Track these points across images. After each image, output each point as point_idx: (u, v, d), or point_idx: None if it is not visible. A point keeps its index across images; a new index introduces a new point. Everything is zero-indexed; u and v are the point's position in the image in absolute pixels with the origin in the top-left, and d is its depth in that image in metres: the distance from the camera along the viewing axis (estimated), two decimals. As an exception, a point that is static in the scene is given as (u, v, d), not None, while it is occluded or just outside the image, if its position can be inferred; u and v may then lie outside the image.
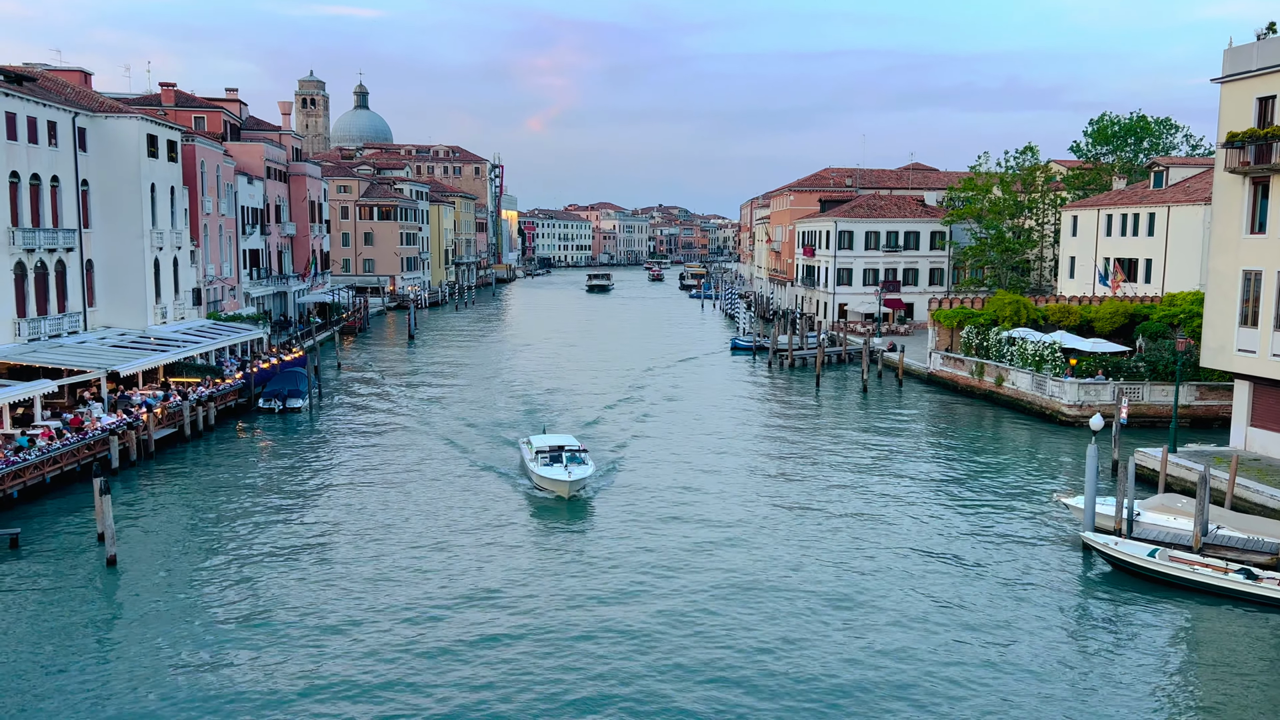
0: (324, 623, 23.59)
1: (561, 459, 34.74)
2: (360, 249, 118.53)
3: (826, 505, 34.31)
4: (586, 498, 34.14)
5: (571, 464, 34.31)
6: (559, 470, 33.81)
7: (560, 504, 33.49)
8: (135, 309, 52.75)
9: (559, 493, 33.82)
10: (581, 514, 32.79)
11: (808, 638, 23.01)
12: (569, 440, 37.58)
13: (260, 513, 33.13)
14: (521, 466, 37.74)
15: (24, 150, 44.93)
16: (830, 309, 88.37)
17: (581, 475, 33.76)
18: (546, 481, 34.13)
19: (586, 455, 35.87)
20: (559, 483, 33.50)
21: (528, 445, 37.87)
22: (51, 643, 22.57)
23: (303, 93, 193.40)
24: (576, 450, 35.97)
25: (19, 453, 34.09)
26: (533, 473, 35.22)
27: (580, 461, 34.88)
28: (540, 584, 26.31)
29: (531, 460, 35.65)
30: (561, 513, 32.89)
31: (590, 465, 34.96)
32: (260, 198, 76.58)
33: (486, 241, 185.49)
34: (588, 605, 24.88)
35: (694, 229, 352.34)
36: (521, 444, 39.41)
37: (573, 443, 37.08)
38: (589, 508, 33.38)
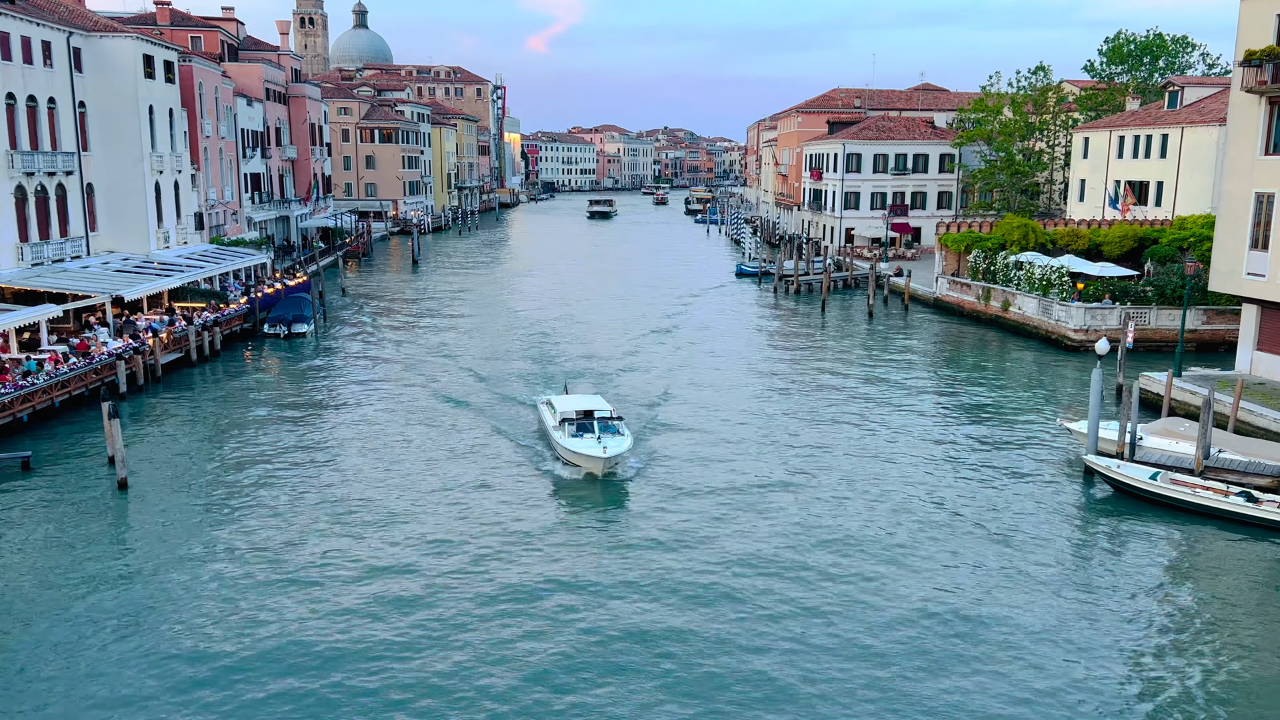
0: (321, 551, 23.82)
1: (592, 428, 29.36)
2: (362, 173, 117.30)
3: (824, 432, 34.47)
4: (623, 475, 28.87)
5: (605, 434, 29.10)
6: (591, 443, 28.46)
7: (591, 482, 28.36)
8: (137, 233, 52.46)
9: (591, 470, 28.52)
10: (618, 495, 27.54)
11: (809, 568, 23.33)
12: (598, 403, 31.90)
13: (266, 437, 33.40)
14: (541, 432, 32.80)
15: (19, 71, 44.17)
16: (837, 234, 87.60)
17: (619, 450, 28.37)
18: (577, 456, 28.68)
19: (622, 423, 30.31)
20: (592, 459, 28.12)
21: (549, 408, 32.51)
22: (65, 564, 22.96)
23: (300, 11, 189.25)
24: (609, 417, 30.52)
25: (27, 377, 34.27)
26: (558, 444, 29.71)
27: (615, 431, 29.54)
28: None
29: (555, 428, 30.27)
30: (594, 493, 27.71)
31: (627, 436, 29.62)
32: (260, 120, 75.51)
33: (489, 165, 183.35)
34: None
35: (700, 152, 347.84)
36: (541, 405, 33.90)
37: (603, 406, 31.53)
38: (625, 486, 28.14)
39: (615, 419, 30.33)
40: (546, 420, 32.09)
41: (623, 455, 28.73)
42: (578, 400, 32.47)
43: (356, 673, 18.21)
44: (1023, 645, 19.32)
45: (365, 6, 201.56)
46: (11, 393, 32.59)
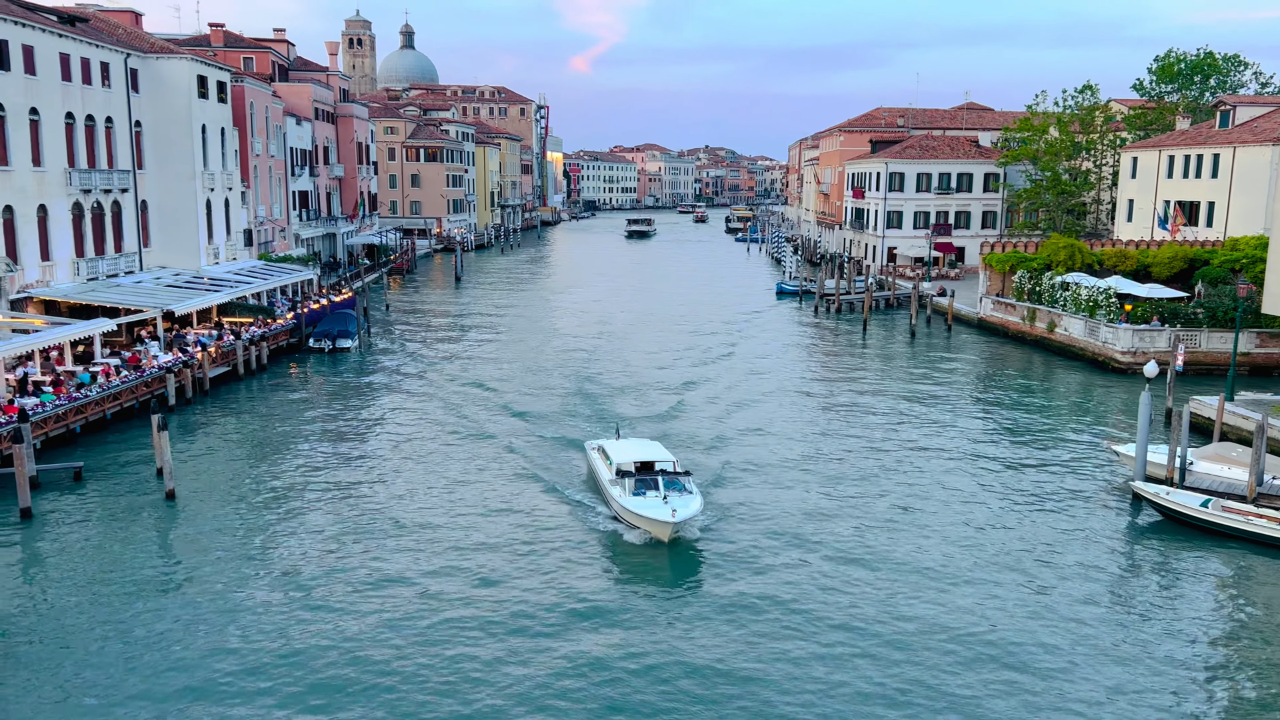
0: (356, 574, 23.95)
1: (656, 484, 25.83)
2: (407, 190, 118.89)
3: (871, 456, 34.18)
4: (690, 537, 25.46)
5: (671, 492, 25.63)
6: (656, 504, 25.00)
7: (655, 546, 24.90)
8: (189, 249, 53.58)
9: (657, 534, 25.01)
10: (688, 563, 24.11)
11: (861, 585, 23.12)
12: (658, 453, 28.55)
13: (309, 451, 33.84)
14: (591, 481, 29.70)
15: (78, 91, 45.48)
16: (879, 253, 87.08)
17: (689, 513, 24.81)
18: (640, 519, 25.21)
19: (689, 479, 26.74)
20: (659, 523, 24.63)
21: (601, 455, 29.16)
22: (115, 573, 23.41)
23: (349, 33, 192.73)
24: (672, 470, 27.21)
25: (81, 389, 35.09)
26: (615, 502, 26.29)
27: (681, 488, 25.97)
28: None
29: (612, 482, 26.88)
30: (659, 559, 24.37)
31: (696, 494, 26.02)
32: (309, 139, 76.92)
33: (531, 184, 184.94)
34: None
35: (741, 171, 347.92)
36: (592, 451, 30.57)
37: (664, 456, 28.27)
38: (695, 552, 24.72)
39: (681, 474, 26.78)
40: (600, 471, 28.67)
41: (693, 519, 25.27)
42: (635, 448, 28.85)
43: (379, 699, 18.33)
44: (1068, 677, 18.95)
45: (412, 28, 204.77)
46: (66, 404, 33.38)
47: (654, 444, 30.07)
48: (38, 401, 32.72)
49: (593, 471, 29.84)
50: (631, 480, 26.21)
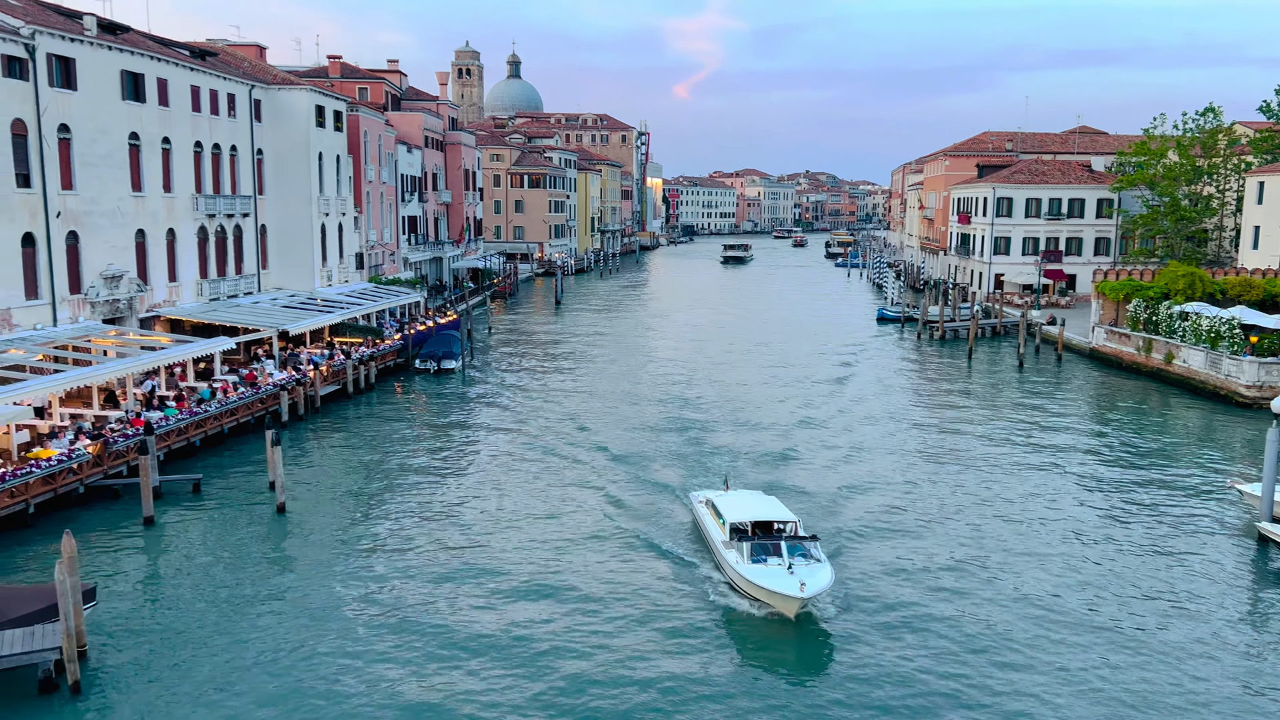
0: (447, 597, 24.26)
1: (778, 550, 22.86)
2: (511, 216, 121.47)
3: (989, 503, 33.20)
4: (820, 612, 22.47)
5: (796, 559, 22.68)
6: (781, 576, 21.96)
7: (780, 623, 21.83)
8: (304, 272, 55.82)
9: (781, 610, 21.86)
10: (819, 645, 21.22)
11: (972, 628, 22.46)
12: (776, 510, 25.80)
13: (412, 470, 34.70)
14: (697, 535, 27.31)
15: (206, 121, 48.05)
16: (986, 279, 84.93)
17: (820, 586, 21.74)
18: (763, 592, 22.15)
19: (816, 545, 23.47)
20: (785, 599, 21.52)
21: (710, 511, 26.48)
22: (228, 579, 24.42)
23: (459, 63, 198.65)
24: (795, 533, 24.51)
25: (201, 404, 36.80)
26: (731, 569, 23.39)
27: (806, 555, 22.95)
28: None
29: (726, 545, 24.09)
30: (785, 637, 21.47)
31: (825, 564, 22.92)
32: (419, 166, 79.41)
33: (631, 209, 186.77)
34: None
35: (842, 195, 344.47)
36: (699, 504, 27.89)
37: (782, 514, 25.47)
38: (827, 631, 21.77)
39: (807, 538, 23.67)
40: (709, 529, 25.94)
41: (824, 593, 22.09)
42: (749, 503, 26.17)
43: (492, 704, 18.52)
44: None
45: (519, 57, 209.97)
46: (187, 419, 35.05)
47: (769, 498, 27.21)
48: (162, 415, 34.44)
49: (700, 527, 27.15)
50: (749, 544, 23.13)
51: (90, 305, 39.93)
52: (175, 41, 51.30)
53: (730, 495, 27.22)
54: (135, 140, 42.67)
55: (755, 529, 24.75)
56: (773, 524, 25.04)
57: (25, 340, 35.19)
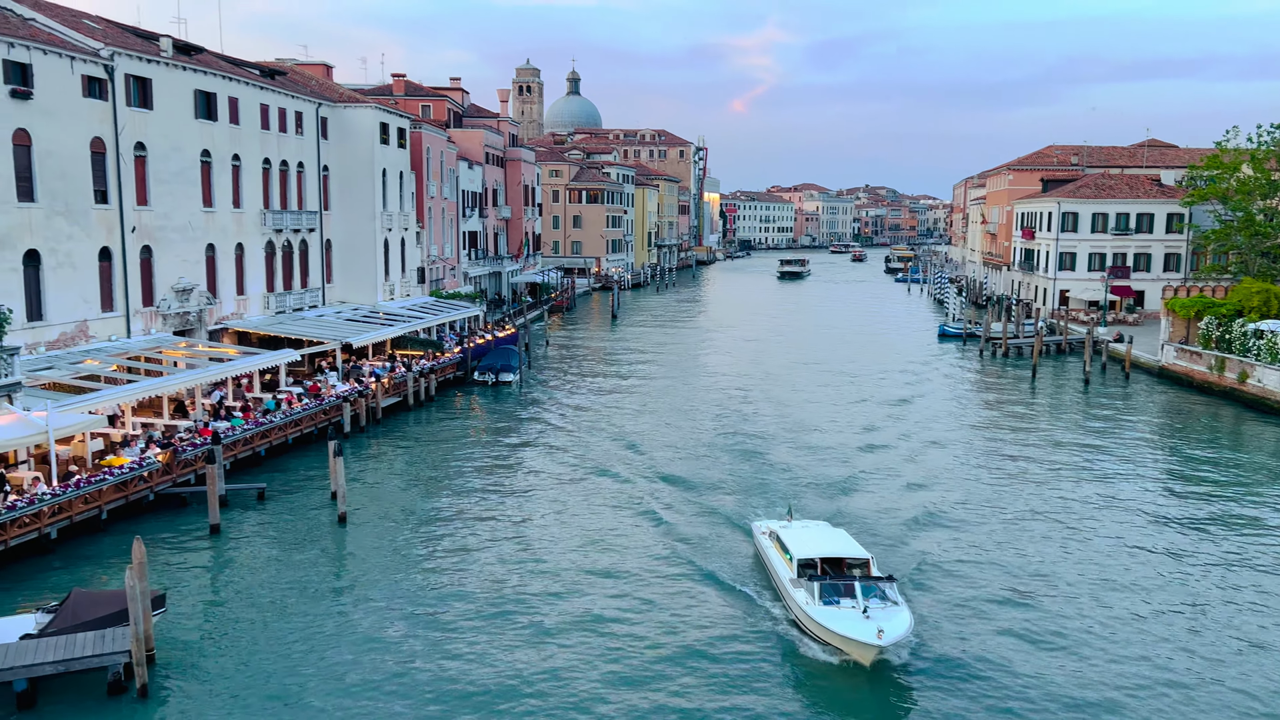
0: (500, 611, 24.31)
1: (853, 591, 21.29)
2: (569, 231, 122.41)
3: (1065, 533, 32.41)
4: (896, 659, 20.79)
5: (871, 601, 21.02)
6: (856, 621, 20.40)
7: (853, 671, 20.44)
8: (367, 286, 56.85)
9: (858, 658, 20.38)
10: (897, 698, 19.69)
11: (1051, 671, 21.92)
12: (845, 545, 24.29)
13: (469, 484, 35.02)
14: (759, 567, 26.02)
15: (275, 139, 49.30)
16: (1050, 295, 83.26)
17: (898, 632, 20.14)
18: (835, 638, 20.64)
19: (892, 586, 21.76)
20: (861, 646, 20.01)
21: (775, 544, 25.17)
22: (290, 586, 24.88)
23: (519, 80, 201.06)
24: (869, 572, 23.16)
25: (266, 415, 37.62)
26: (800, 610, 21.93)
27: (881, 596, 21.27)
28: None
29: (794, 583, 22.74)
30: (858, 687, 20.03)
31: (903, 607, 21.24)
32: (479, 182, 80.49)
33: (688, 224, 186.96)
34: None
35: (902, 210, 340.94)
36: (761, 535, 26.53)
37: (853, 550, 23.91)
38: (905, 682, 20.22)
39: (883, 579, 21.99)
40: (775, 564, 24.52)
41: (903, 640, 20.38)
42: (817, 537, 24.79)
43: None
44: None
45: (578, 75, 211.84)
46: (253, 429, 35.86)
47: (837, 531, 25.73)
48: (229, 425, 35.28)
49: (763, 560, 25.72)
50: (819, 584, 21.61)
51: (162, 317, 41.13)
52: (246, 61, 52.80)
53: (796, 527, 25.86)
54: (207, 157, 43.94)
55: (825, 566, 23.27)
56: (844, 561, 23.49)
57: (100, 351, 36.37)
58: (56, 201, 35.39)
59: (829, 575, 22.43)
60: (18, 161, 33.74)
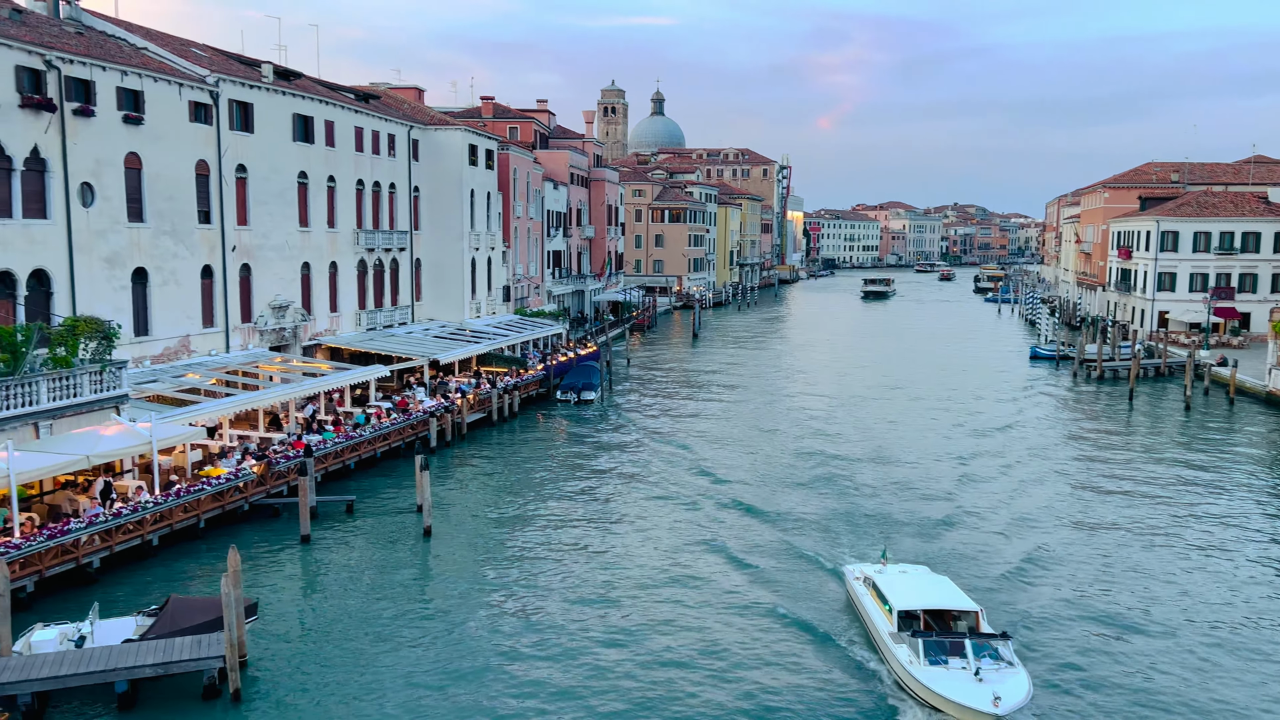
0: (578, 634, 24.29)
1: (962, 650, 19.63)
2: (651, 250, 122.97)
3: (1174, 561, 31.16)
4: None
5: (984, 661, 19.45)
6: (968, 685, 18.87)
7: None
8: (454, 304, 57.98)
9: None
10: None
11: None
12: (951, 595, 22.26)
13: (550, 500, 35.29)
14: (851, 613, 24.26)
15: (368, 160, 50.79)
16: (1148, 317, 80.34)
17: (1016, 702, 18.52)
18: (944, 703, 18.98)
19: (1007, 645, 20.01)
20: (975, 715, 18.40)
21: (870, 590, 23.38)
22: (377, 596, 25.40)
23: (604, 101, 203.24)
24: (978, 628, 21.00)
25: (356, 429, 38.57)
26: (897, 665, 20.39)
27: (995, 657, 19.64)
28: None
29: (893, 635, 20.96)
30: None
31: (1019, 670, 19.60)
32: (564, 202, 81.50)
33: (771, 242, 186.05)
34: None
35: (992, 228, 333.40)
36: (854, 580, 24.70)
37: (959, 601, 21.86)
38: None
39: (996, 636, 20.08)
40: (872, 614, 22.52)
41: (1021, 708, 18.59)
42: (917, 585, 22.74)
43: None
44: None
45: (663, 95, 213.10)
46: (344, 442, 36.80)
47: (939, 579, 23.51)
48: (320, 439, 36.28)
49: (856, 608, 23.87)
50: (924, 641, 19.80)
51: (259, 333, 42.59)
52: (342, 86, 54.56)
53: (893, 573, 23.76)
54: (304, 179, 45.48)
55: (929, 619, 21.26)
56: (950, 613, 21.39)
57: (201, 365, 37.83)
58: (163, 222, 37.04)
59: (934, 630, 20.55)
60: (128, 184, 35.45)
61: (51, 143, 32.22)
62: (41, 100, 31.57)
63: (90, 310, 32.42)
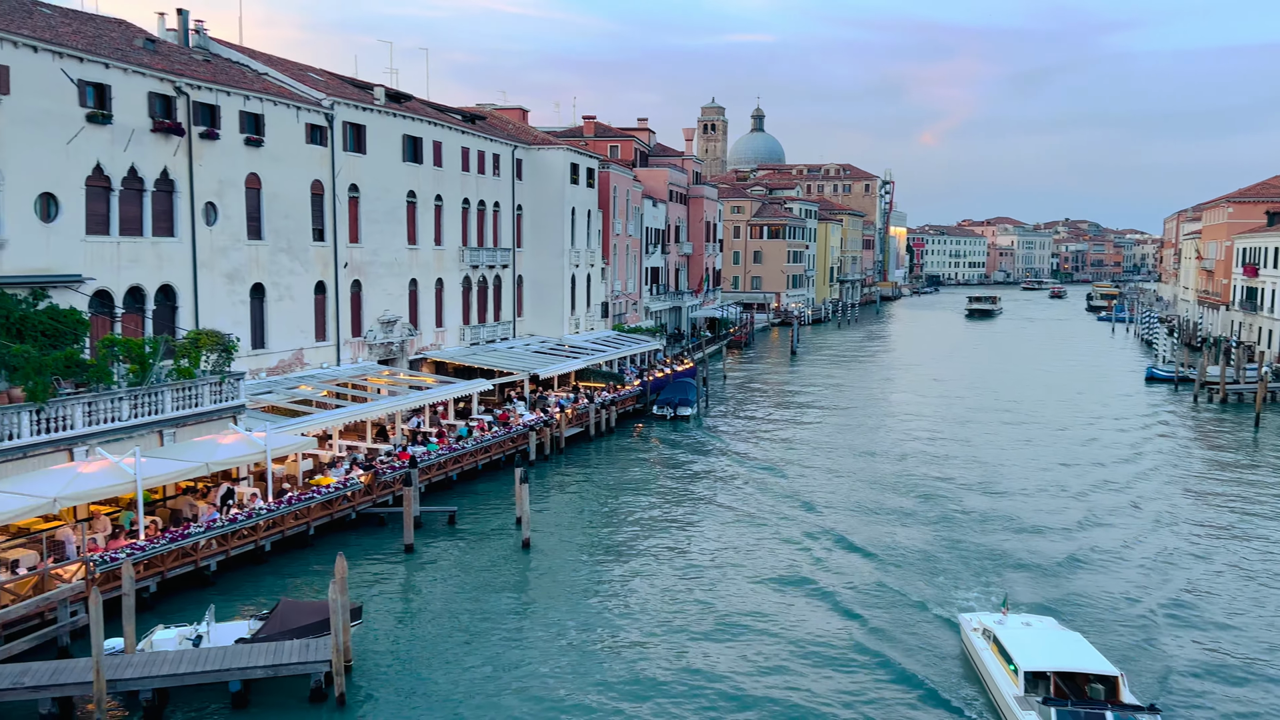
0: (679, 645, 24.17)
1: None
2: (749, 266, 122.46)
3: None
4: None
5: None
6: None
7: None
8: (554, 319, 58.83)
9: None
10: None
11: None
12: (1083, 654, 19.96)
13: (647, 517, 35.32)
14: (967, 667, 22.10)
15: (474, 180, 52.05)
16: (1276, 337, 76.05)
17: None
18: None
19: (1155, 718, 18.07)
20: None
21: (990, 644, 21.16)
22: (477, 606, 25.84)
23: (704, 119, 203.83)
24: (1115, 695, 18.98)
25: (459, 441, 39.41)
26: None
27: None
28: None
29: (1019, 701, 18.91)
30: None
31: None
32: (662, 219, 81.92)
33: (872, 258, 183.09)
34: None
35: (1105, 245, 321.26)
36: (970, 630, 22.54)
37: (1095, 663, 19.60)
38: None
39: (1143, 710, 18.02)
40: (993, 672, 20.37)
41: None
42: (1045, 642, 20.38)
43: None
44: None
45: (763, 111, 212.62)
46: (447, 454, 37.64)
47: (1070, 635, 21.16)
48: (425, 450, 37.18)
49: (973, 663, 21.67)
50: (1058, 710, 17.68)
51: (368, 347, 43.98)
52: (449, 107, 56.11)
53: (1015, 625, 21.47)
54: (412, 198, 46.88)
55: (1060, 682, 19.08)
56: (1085, 678, 19.15)
57: (313, 378, 39.25)
58: (280, 239, 38.65)
59: (1068, 698, 18.33)
60: (249, 203, 37.14)
61: (179, 165, 34.02)
62: (171, 124, 33.39)
63: (211, 324, 34.03)
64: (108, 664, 19.38)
